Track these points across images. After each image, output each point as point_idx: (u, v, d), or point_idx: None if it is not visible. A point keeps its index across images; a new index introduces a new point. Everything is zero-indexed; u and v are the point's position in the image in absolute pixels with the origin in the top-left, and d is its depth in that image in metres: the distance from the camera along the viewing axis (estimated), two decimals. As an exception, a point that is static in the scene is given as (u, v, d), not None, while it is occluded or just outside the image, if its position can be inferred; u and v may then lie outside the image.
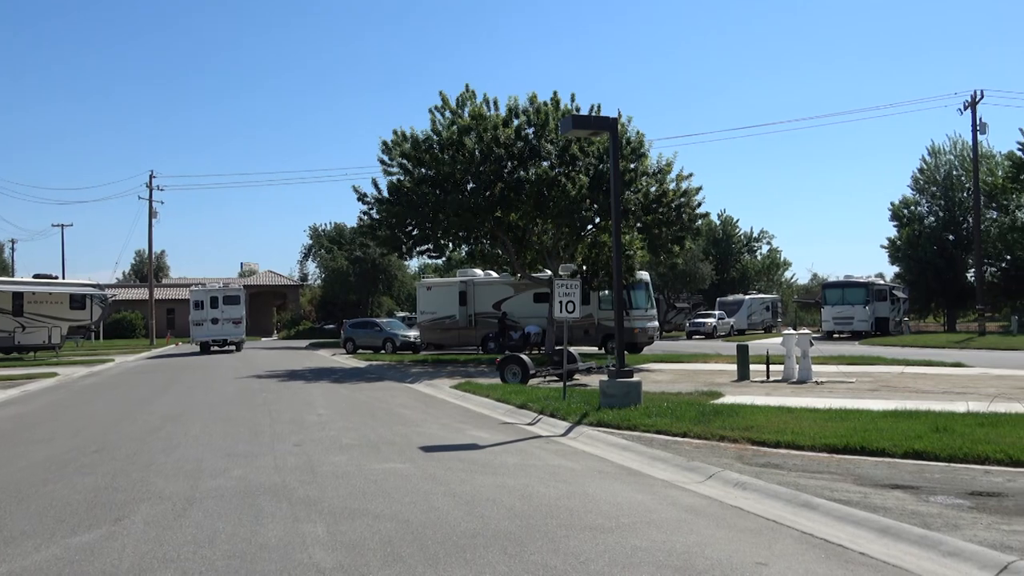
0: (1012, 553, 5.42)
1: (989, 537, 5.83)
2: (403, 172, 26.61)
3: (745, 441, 10.00)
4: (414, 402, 16.55)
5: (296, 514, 6.99)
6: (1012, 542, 5.69)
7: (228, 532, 6.44)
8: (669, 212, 26.15)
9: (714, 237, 64.27)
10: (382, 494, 7.72)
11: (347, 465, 9.29)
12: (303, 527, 6.55)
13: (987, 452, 8.51)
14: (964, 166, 52.39)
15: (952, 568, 5.36)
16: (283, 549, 5.95)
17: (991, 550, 5.51)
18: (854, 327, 43.83)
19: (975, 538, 5.81)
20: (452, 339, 34.73)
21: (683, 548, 5.87)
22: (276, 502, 7.45)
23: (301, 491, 7.92)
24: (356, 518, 6.81)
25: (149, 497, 7.78)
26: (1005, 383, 17.23)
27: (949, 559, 5.50)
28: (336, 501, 7.46)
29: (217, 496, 7.74)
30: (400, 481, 8.33)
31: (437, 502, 7.36)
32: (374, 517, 6.83)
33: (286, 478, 8.57)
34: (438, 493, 7.74)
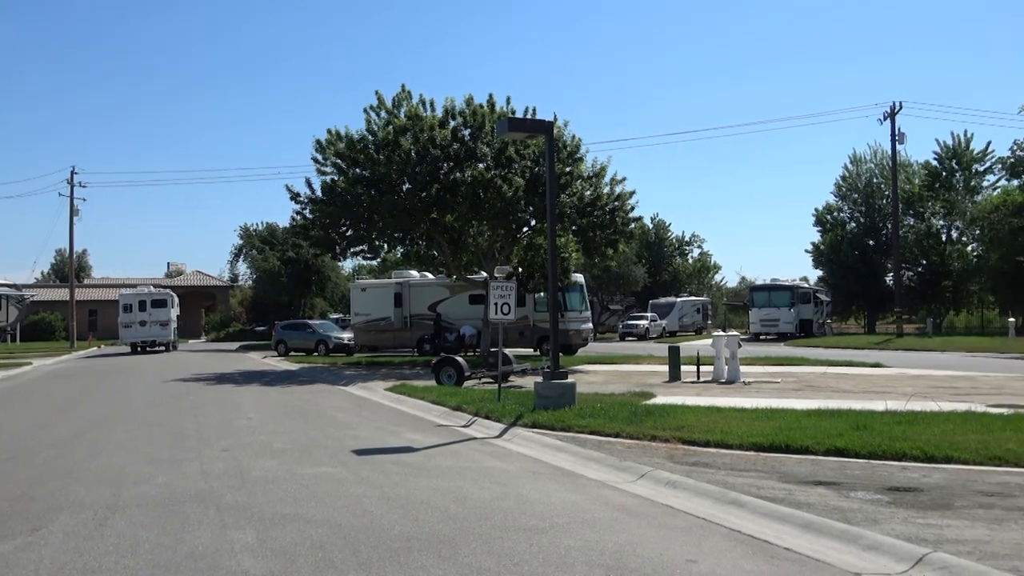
0: (927, 545, 5.66)
1: (906, 531, 6.08)
2: (337, 172, 26.26)
3: (676, 441, 10.19)
4: (348, 405, 16.34)
5: (224, 521, 6.82)
6: (927, 535, 5.94)
7: (152, 541, 6.25)
8: (603, 215, 26.45)
9: (647, 241, 65.29)
10: (314, 499, 7.60)
11: (278, 470, 9.11)
12: (231, 534, 6.40)
13: (904, 449, 8.86)
14: (884, 174, 54.46)
15: (871, 561, 5.57)
16: (210, 557, 5.81)
17: (907, 543, 5.74)
18: (780, 329, 45.08)
19: (893, 532, 6.05)
20: (387, 341, 34.42)
21: (615, 547, 5.95)
22: (203, 509, 7.26)
23: (229, 497, 7.74)
24: (287, 524, 6.69)
25: (69, 506, 7.48)
26: (921, 383, 17.99)
27: (869, 552, 5.71)
28: (266, 507, 7.31)
29: (141, 504, 7.50)
30: (332, 485, 8.21)
31: (370, 506, 7.29)
32: (305, 522, 6.72)
33: (213, 484, 8.36)
34: (371, 497, 7.66)
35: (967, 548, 5.59)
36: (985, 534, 5.94)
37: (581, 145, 26.36)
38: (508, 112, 25.66)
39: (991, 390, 16.17)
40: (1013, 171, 33.50)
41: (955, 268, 52.24)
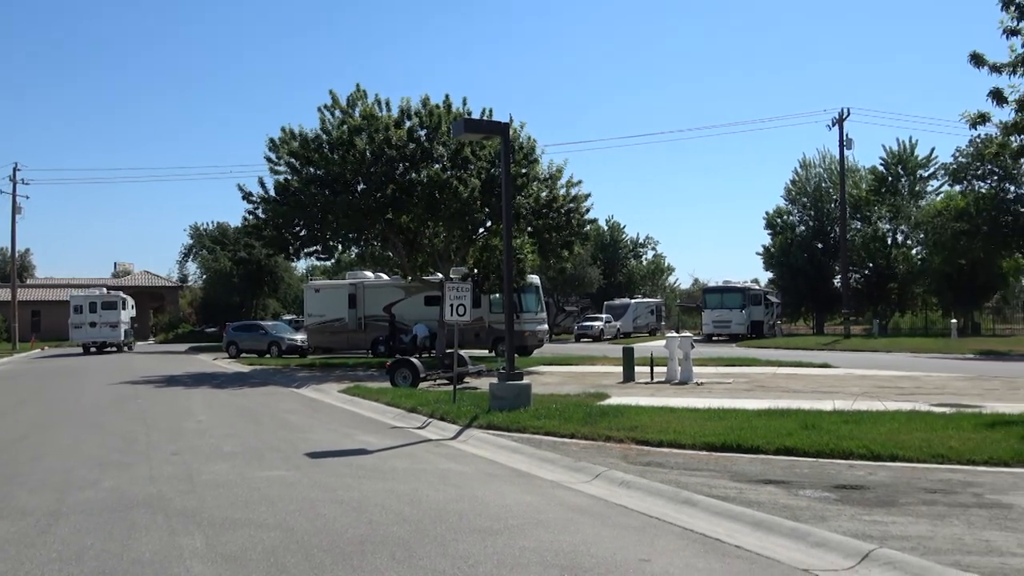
0: (873, 542, 5.80)
1: (852, 527, 6.22)
2: (291, 171, 25.93)
3: (630, 441, 10.28)
4: (301, 407, 16.14)
5: (173, 526, 6.69)
6: (873, 531, 6.09)
7: (98, 548, 6.09)
8: (559, 217, 26.58)
9: (602, 242, 65.73)
10: (266, 503, 7.49)
11: (229, 473, 8.96)
12: (180, 539, 6.28)
13: (851, 448, 9.08)
14: (832, 179, 55.66)
15: (819, 558, 5.69)
16: (158, 564, 5.68)
17: (854, 539, 5.88)
18: (731, 330, 45.79)
19: (840, 529, 6.19)
20: (341, 342, 34.09)
21: (570, 547, 5.98)
22: (151, 514, 7.10)
23: (178, 502, 7.58)
24: (238, 528, 6.58)
25: (10, 513, 7.25)
26: (867, 382, 18.44)
27: (817, 549, 5.84)
28: (216, 511, 7.18)
29: (86, 510, 7.31)
30: (285, 489, 8.10)
31: (324, 509, 7.21)
32: (257, 527, 6.62)
33: (162, 488, 8.19)
34: (325, 500, 7.58)
35: (911, 544, 5.75)
36: (928, 530, 6.11)
37: (537, 147, 26.48)
38: (465, 113, 25.63)
39: (934, 390, 16.65)
40: (955, 177, 34.54)
41: (900, 271, 53.69)
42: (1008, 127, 13.75)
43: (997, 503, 6.89)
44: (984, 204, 32.01)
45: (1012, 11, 12.39)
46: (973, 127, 14.27)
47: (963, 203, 33.77)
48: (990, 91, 13.11)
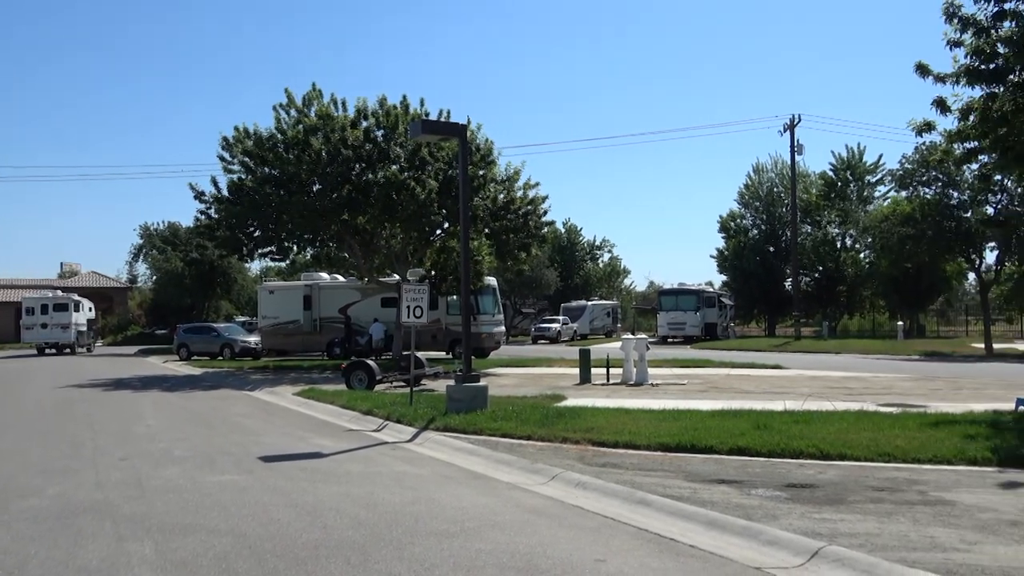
0: (822, 539, 5.93)
1: (803, 525, 6.35)
2: (245, 171, 25.56)
3: (586, 442, 10.34)
4: (254, 410, 15.90)
5: (121, 533, 6.53)
6: (822, 529, 6.23)
7: (42, 556, 5.93)
8: (517, 219, 26.64)
9: (559, 244, 66.03)
10: (217, 508, 7.37)
11: (179, 478, 8.79)
12: (128, 546, 6.14)
13: (801, 447, 9.26)
14: (784, 184, 56.76)
15: (771, 556, 5.79)
16: (106, 571, 5.55)
17: (804, 537, 6.01)
18: (686, 332, 46.35)
19: (791, 527, 6.31)
20: (296, 344, 33.69)
21: (526, 549, 5.99)
22: (98, 521, 6.93)
23: (127, 508, 7.41)
24: (188, 534, 6.46)
25: (-53, 521, 7.01)
26: (817, 383, 18.83)
27: (768, 547, 5.94)
28: (166, 517, 7.04)
29: (30, 517, 7.10)
30: (237, 494, 7.98)
31: (277, 514, 7.11)
32: (208, 532, 6.51)
33: (110, 495, 7.99)
34: (278, 504, 7.48)
35: (859, 541, 5.89)
36: (875, 527, 6.26)
37: (494, 149, 26.50)
38: (422, 114, 25.55)
39: (881, 390, 17.08)
40: (901, 183, 35.46)
41: (849, 274, 54.94)
42: (952, 135, 14.16)
43: (941, 500, 7.09)
44: (929, 210, 32.88)
45: (956, 23, 12.75)
46: (919, 135, 14.66)
47: (909, 208, 34.65)
48: (934, 100, 13.49)
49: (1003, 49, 12.44)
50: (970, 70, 12.65)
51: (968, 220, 31.67)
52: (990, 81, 12.70)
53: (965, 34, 12.73)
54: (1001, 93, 12.79)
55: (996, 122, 12.90)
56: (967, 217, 31.93)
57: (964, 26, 12.70)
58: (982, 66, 12.57)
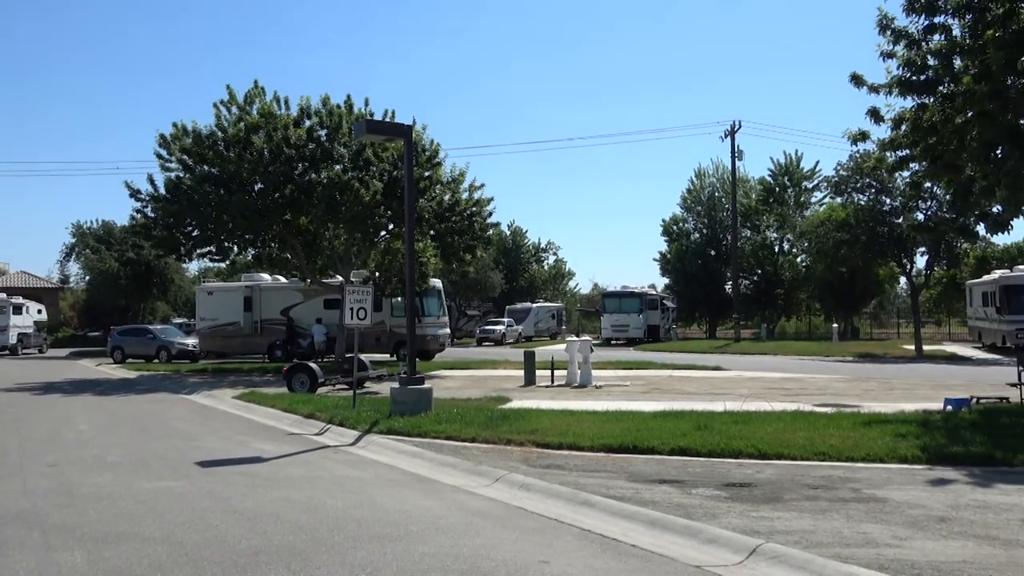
0: (760, 537, 6.06)
1: (741, 523, 6.47)
2: (183, 169, 24.91)
3: (530, 444, 10.37)
4: (191, 415, 15.53)
5: (49, 542, 6.30)
6: (760, 527, 6.36)
7: (-36, 567, 5.68)
8: (462, 221, 26.57)
9: (504, 247, 66.15)
10: (152, 515, 7.16)
11: (112, 485, 8.52)
12: (58, 556, 5.92)
13: (740, 447, 9.45)
14: (724, 188, 57.88)
15: (711, 554, 5.89)
16: (33, 582, 5.34)
17: (743, 535, 6.12)
18: (629, 334, 46.88)
19: (730, 525, 6.43)
20: (236, 347, 33.01)
21: (470, 552, 5.98)
22: (25, 530, 6.67)
23: (56, 516, 7.16)
24: (122, 543, 6.26)
25: None
26: (756, 384, 19.24)
27: (708, 546, 6.04)
28: (99, 525, 6.81)
29: (-50, 527, 6.79)
30: (173, 500, 7.77)
31: (215, 520, 6.95)
32: (143, 541, 6.32)
33: (38, 502, 7.70)
34: (216, 511, 7.31)
35: (795, 538, 6.03)
36: (811, 524, 6.42)
37: (440, 150, 26.37)
38: (367, 114, 25.29)
39: (817, 391, 17.54)
40: (837, 189, 36.46)
41: (787, 277, 56.33)
42: (884, 144, 14.64)
43: (873, 497, 7.31)
44: (863, 215, 33.90)
45: (889, 35, 13.19)
46: (854, 143, 15.14)
47: (844, 214, 35.68)
48: (868, 110, 13.93)
49: (933, 61, 12.91)
50: (902, 81, 13.10)
51: (900, 226, 32.74)
52: (921, 92, 13.17)
53: (897, 46, 13.18)
54: (931, 104, 13.28)
55: (926, 131, 13.39)
56: (899, 223, 33.01)
57: (896, 38, 13.15)
58: (913, 77, 13.03)
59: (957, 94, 12.79)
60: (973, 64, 12.23)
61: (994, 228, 15.22)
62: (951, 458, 8.86)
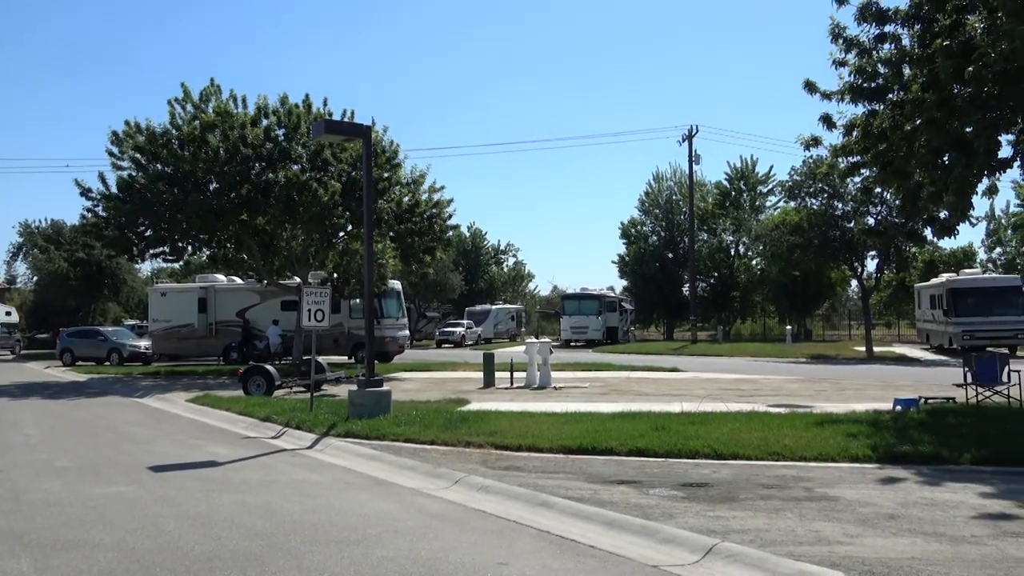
0: (715, 536, 6.14)
1: (698, 523, 6.56)
2: (136, 167, 24.41)
3: (489, 446, 10.37)
4: (144, 418, 15.22)
5: (-5, 550, 6.12)
6: (716, 526, 6.44)
7: (-97, 578, 5.49)
8: (421, 222, 26.47)
9: (464, 248, 66.07)
10: (103, 521, 7.01)
11: (61, 491, 8.31)
12: (5, 564, 5.76)
13: (697, 447, 9.57)
14: (682, 192, 58.60)
15: (667, 554, 5.96)
16: (-24, 592, 5.19)
17: (699, 535, 6.20)
18: (588, 336, 47.15)
19: (686, 525, 6.50)
20: (190, 349, 32.44)
21: (428, 555, 5.96)
22: (-31, 538, 6.47)
23: (2, 522, 6.96)
24: (71, 550, 6.11)
25: None
26: (712, 385, 19.50)
27: (665, 545, 6.11)
28: (47, 532, 6.64)
29: None
30: (125, 506, 7.61)
31: (168, 526, 6.82)
32: (92, 547, 6.18)
33: (-18, 510, 7.48)
34: (169, 516, 7.18)
35: (750, 537, 6.13)
36: (765, 523, 6.53)
37: (399, 151, 26.25)
38: (325, 114, 25.07)
39: (771, 391, 17.83)
40: (790, 194, 37.15)
41: (742, 280, 57.19)
42: (836, 150, 14.96)
43: (825, 496, 7.46)
44: (815, 220, 34.58)
45: (841, 44, 13.49)
46: (807, 149, 15.44)
47: (797, 218, 36.35)
48: (821, 116, 14.23)
49: (883, 69, 13.24)
50: (853, 88, 13.41)
51: (851, 230, 33.47)
52: (871, 99, 13.50)
53: (849, 54, 13.49)
54: (881, 111, 13.61)
55: (876, 138, 13.72)
56: (850, 227, 33.73)
57: (848, 47, 13.45)
58: (864, 85, 13.34)
59: (906, 102, 13.14)
60: (921, 73, 12.58)
61: (941, 233, 15.67)
62: (900, 457, 9.08)
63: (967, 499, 7.31)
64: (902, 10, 12.80)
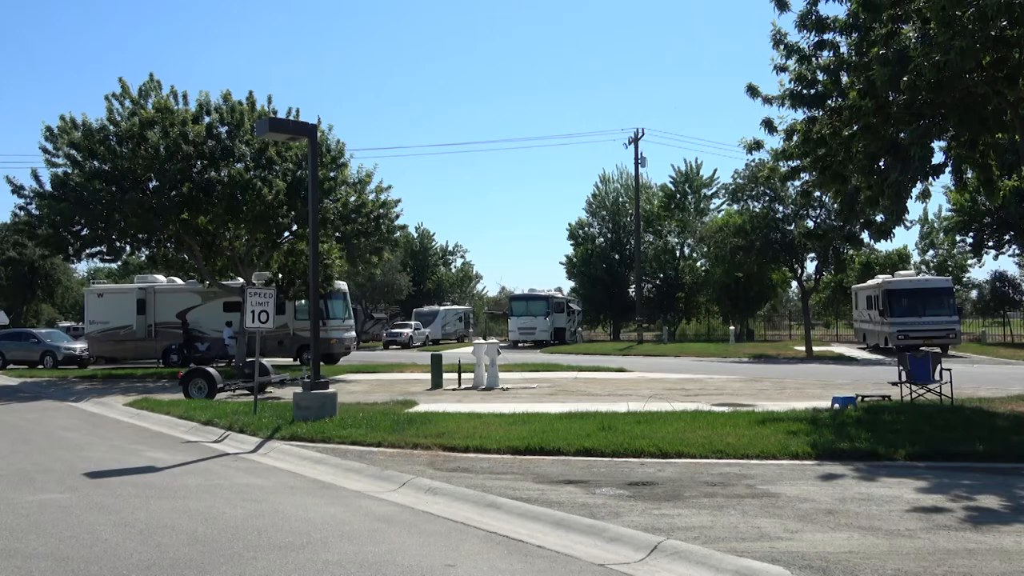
0: (660, 534, 6.22)
1: (643, 521, 6.63)
2: (72, 164, 23.65)
3: (437, 447, 10.33)
4: (79, 423, 14.75)
5: (-82, 562, 5.86)
6: (661, 524, 6.53)
7: None
8: (368, 223, 26.23)
9: (412, 249, 65.71)
10: (36, 530, 6.76)
11: (-10, 499, 8.00)
12: (-73, 577, 5.52)
13: (643, 447, 9.68)
14: (628, 194, 59.27)
15: (614, 552, 6.01)
16: (-102, 606, 4.96)
17: (645, 533, 6.27)
18: (536, 336, 47.33)
19: (632, 523, 6.57)
20: (128, 352, 31.57)
21: (375, 558, 5.90)
22: None
23: (-74, 534, 6.66)
24: (1, 560, 5.88)
25: None
26: (658, 385, 19.75)
27: (612, 544, 6.16)
28: (-26, 543, 6.38)
29: None
30: (59, 514, 7.36)
31: (105, 534, 6.62)
32: (25, 557, 5.96)
33: (-95, 520, 7.15)
34: (106, 524, 6.97)
35: (694, 534, 6.22)
36: (709, 520, 6.64)
37: (345, 151, 25.98)
38: (270, 112, 24.65)
39: (715, 391, 18.13)
40: (734, 197, 37.89)
41: (687, 281, 58.09)
42: (777, 154, 15.32)
43: (766, 493, 7.62)
44: (758, 222, 35.32)
45: (782, 50, 13.82)
46: (749, 152, 15.79)
47: (740, 220, 37.06)
48: (763, 121, 14.57)
49: (822, 76, 13.59)
50: (793, 94, 13.74)
51: (792, 233, 34.27)
52: (811, 105, 13.84)
53: (790, 60, 13.82)
54: (820, 116, 13.97)
55: (815, 143, 14.08)
56: (791, 230, 34.55)
57: (789, 53, 13.78)
58: (804, 91, 13.68)
59: (844, 108, 13.52)
60: (859, 80, 12.94)
61: (878, 236, 16.19)
62: (838, 454, 9.32)
63: (902, 494, 7.54)
64: (840, 19, 13.16)
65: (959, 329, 34.03)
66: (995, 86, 11.91)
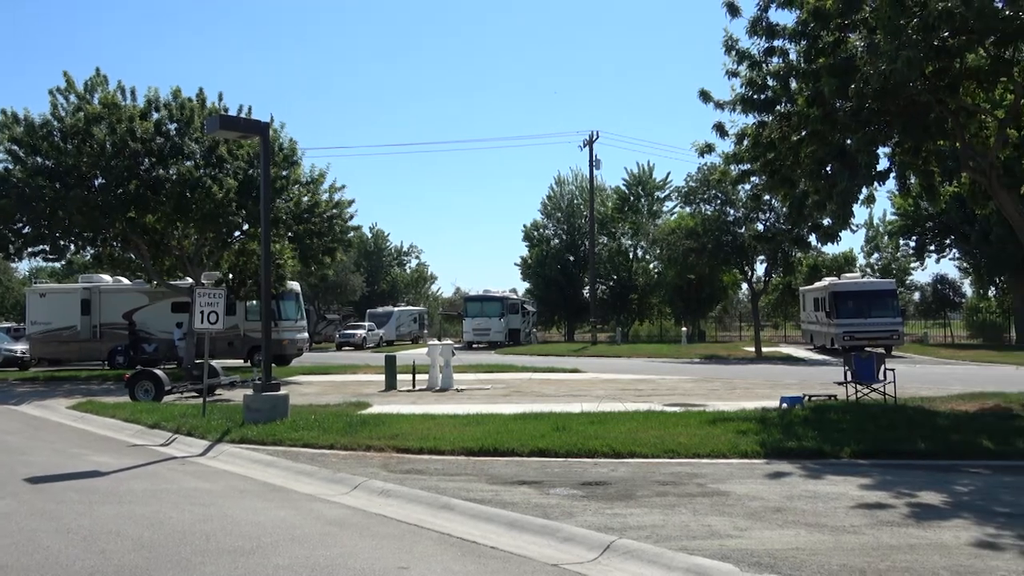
0: (613, 533, 6.27)
1: (596, 521, 6.68)
2: (13, 160, 22.95)
3: (391, 449, 10.26)
4: (20, 426, 14.30)
5: None
6: (614, 524, 6.58)
7: None
8: (321, 223, 25.97)
9: (365, 250, 65.23)
10: (-28, 537, 6.54)
11: (-76, 507, 7.71)
12: None
13: (596, 447, 9.75)
14: (583, 196, 59.64)
15: (567, 552, 6.04)
16: None
17: (598, 532, 6.32)
18: (491, 337, 47.34)
19: (585, 523, 6.61)
20: (72, 353, 30.71)
21: (326, 562, 5.84)
22: None
23: None
24: (-66, 570, 5.68)
25: None
26: (612, 386, 19.91)
27: (565, 544, 6.19)
28: (-94, 552, 6.14)
29: None
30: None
31: (46, 541, 6.43)
32: (-40, 566, 5.76)
33: None
34: (47, 531, 6.77)
35: (646, 533, 6.29)
36: (661, 519, 6.72)
37: (298, 149, 25.67)
38: (221, 110, 24.22)
39: (667, 391, 18.35)
40: (686, 199, 38.45)
41: (640, 283, 58.72)
42: (728, 158, 15.57)
43: (717, 491, 7.74)
44: (709, 225, 35.87)
45: (733, 56, 14.05)
46: (701, 155, 16.03)
47: (692, 223, 37.60)
48: (715, 125, 14.78)
49: (772, 82, 13.85)
50: (744, 99, 13.98)
51: (742, 235, 34.86)
52: (761, 110, 14.10)
53: (741, 66, 14.05)
54: (770, 122, 14.25)
55: (765, 147, 14.35)
56: (741, 233, 35.14)
57: (740, 58, 14.01)
58: (754, 96, 13.93)
59: (793, 114, 13.80)
60: (807, 87, 13.23)
61: (825, 239, 16.57)
62: (786, 452, 9.51)
63: (847, 491, 7.73)
64: (789, 27, 13.43)
65: (902, 330, 35.03)
66: (937, 95, 12.29)
